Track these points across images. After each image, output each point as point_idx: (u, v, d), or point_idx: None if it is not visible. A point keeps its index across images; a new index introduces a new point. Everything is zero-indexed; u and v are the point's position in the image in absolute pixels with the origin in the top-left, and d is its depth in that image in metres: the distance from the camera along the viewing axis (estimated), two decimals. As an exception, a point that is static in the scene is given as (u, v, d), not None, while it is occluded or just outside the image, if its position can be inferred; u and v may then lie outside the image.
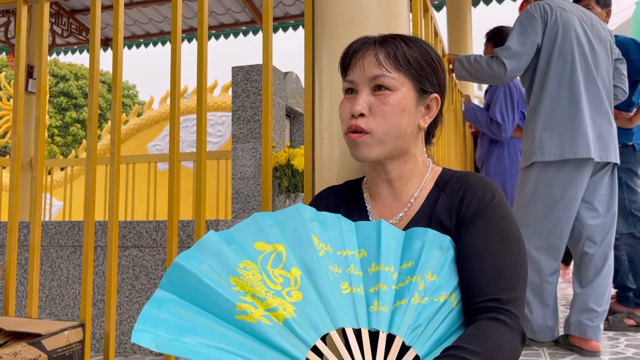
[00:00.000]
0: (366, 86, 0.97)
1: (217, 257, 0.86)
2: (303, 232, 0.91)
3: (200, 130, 1.40)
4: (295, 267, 0.87)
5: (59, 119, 18.71)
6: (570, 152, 2.21)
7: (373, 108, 0.95)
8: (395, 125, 0.95)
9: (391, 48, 0.97)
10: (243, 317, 0.79)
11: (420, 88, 0.98)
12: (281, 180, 3.52)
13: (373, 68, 0.96)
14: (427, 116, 1.01)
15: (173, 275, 0.83)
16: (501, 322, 0.82)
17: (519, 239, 0.92)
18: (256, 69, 3.88)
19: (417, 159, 1.02)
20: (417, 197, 1.00)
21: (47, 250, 2.89)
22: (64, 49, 6.30)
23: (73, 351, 1.30)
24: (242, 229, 0.91)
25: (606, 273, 2.31)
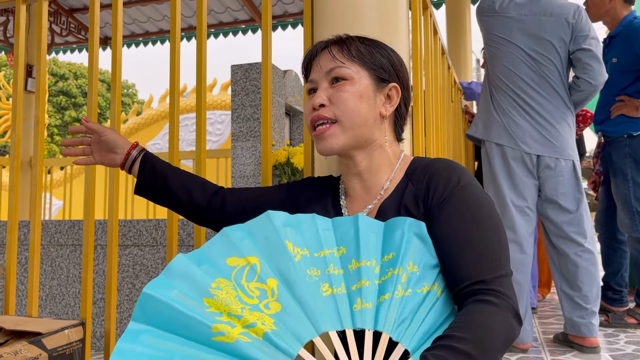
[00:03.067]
0: (324, 81, 1.00)
1: (187, 281, 0.84)
2: (276, 239, 0.89)
3: (199, 128, 1.40)
4: (271, 277, 0.86)
5: (59, 118, 18.70)
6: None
7: (332, 98, 0.98)
8: (355, 110, 0.97)
9: (344, 43, 1.00)
10: (220, 338, 0.79)
11: (377, 76, 1.00)
12: (281, 179, 3.52)
13: (328, 62, 0.99)
14: (388, 104, 1.02)
15: (144, 305, 0.82)
16: (488, 303, 0.81)
17: (493, 215, 0.90)
18: (255, 67, 3.87)
19: (386, 149, 1.02)
20: (387, 187, 1.01)
21: (47, 249, 2.89)
22: (62, 48, 6.30)
23: (73, 350, 1.30)
24: (212, 246, 0.89)
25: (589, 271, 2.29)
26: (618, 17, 2.82)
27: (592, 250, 2.32)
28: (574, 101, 2.40)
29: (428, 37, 1.72)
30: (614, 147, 2.76)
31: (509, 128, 2.34)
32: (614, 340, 2.48)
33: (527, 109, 2.34)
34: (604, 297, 3.04)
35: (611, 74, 2.83)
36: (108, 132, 1.21)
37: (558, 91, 2.35)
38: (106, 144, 1.21)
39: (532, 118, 2.33)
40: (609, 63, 2.85)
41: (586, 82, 2.32)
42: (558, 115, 2.34)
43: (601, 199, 3.13)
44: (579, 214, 2.32)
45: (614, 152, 2.77)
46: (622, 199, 2.73)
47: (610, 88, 2.82)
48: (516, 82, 2.36)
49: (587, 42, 2.32)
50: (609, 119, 2.81)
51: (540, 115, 2.33)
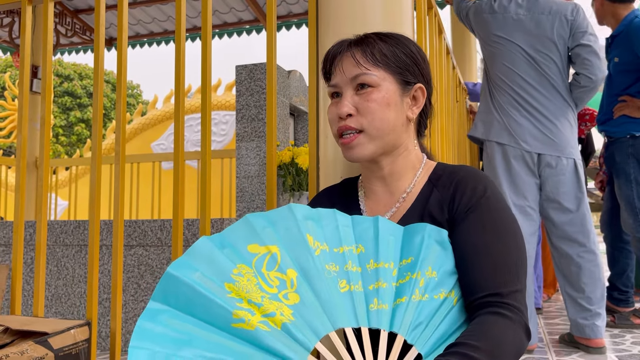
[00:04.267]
0: (349, 87, 0.98)
1: (210, 264, 0.84)
2: (297, 231, 0.89)
3: (204, 129, 1.40)
4: (291, 268, 0.85)
5: (64, 118, 18.76)
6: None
7: (359, 107, 0.96)
8: (383, 119, 0.96)
9: (367, 46, 0.98)
10: (240, 325, 0.78)
11: (403, 80, 0.98)
12: (285, 179, 3.52)
13: (352, 68, 0.97)
14: (414, 107, 1.01)
15: (166, 285, 0.81)
16: (502, 316, 0.81)
17: (515, 229, 0.91)
18: (260, 67, 3.88)
19: (410, 152, 1.02)
20: (410, 192, 1.00)
21: (52, 249, 2.90)
22: (68, 49, 6.32)
23: (79, 350, 1.30)
24: (234, 231, 0.89)
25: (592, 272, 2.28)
26: (619, 17, 2.81)
27: (595, 250, 2.30)
28: (575, 98, 2.39)
29: (433, 37, 1.72)
30: (617, 147, 2.75)
31: (510, 127, 2.34)
32: (620, 340, 2.46)
33: (527, 107, 2.33)
34: (610, 298, 3.03)
35: (613, 74, 2.82)
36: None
37: (558, 89, 2.35)
38: None
39: (533, 116, 2.32)
40: (611, 63, 2.84)
41: (586, 77, 2.31)
42: (559, 113, 2.33)
43: (606, 199, 3.12)
44: (580, 214, 2.31)
45: (616, 152, 2.75)
46: (625, 199, 2.72)
47: (613, 88, 2.81)
48: (516, 80, 2.36)
49: (585, 38, 2.32)
50: (612, 119, 2.80)
51: (540, 113, 2.32)
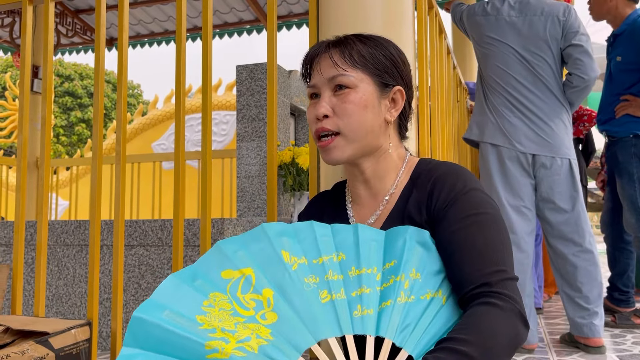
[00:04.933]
0: (327, 88, 0.97)
1: (178, 300, 0.83)
2: (271, 250, 0.89)
3: (205, 129, 1.40)
4: (266, 287, 0.85)
5: (64, 118, 18.77)
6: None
7: (336, 108, 0.95)
8: (360, 121, 0.95)
9: (345, 47, 0.97)
10: (214, 355, 0.77)
11: (381, 82, 0.97)
12: (286, 179, 3.52)
13: (330, 69, 0.96)
14: (393, 109, 0.99)
15: (135, 329, 0.80)
16: (493, 306, 0.80)
17: (496, 219, 0.89)
18: (260, 67, 3.88)
19: (392, 154, 1.01)
20: (393, 193, 0.99)
21: (53, 249, 2.90)
22: (68, 49, 6.32)
23: (80, 349, 1.30)
24: (206, 260, 0.89)
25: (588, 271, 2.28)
26: (621, 16, 2.80)
27: (591, 249, 2.30)
28: (568, 99, 2.39)
29: (433, 37, 1.71)
30: (620, 147, 2.75)
31: (504, 128, 2.34)
32: (620, 340, 2.46)
33: (521, 108, 2.34)
34: (611, 298, 3.03)
35: (615, 73, 2.81)
36: None
37: (552, 90, 2.35)
38: None
39: (527, 117, 2.33)
40: (613, 62, 2.84)
41: (578, 77, 2.32)
42: (552, 114, 2.34)
43: (607, 199, 3.11)
44: (575, 213, 2.31)
45: (619, 152, 2.75)
46: (628, 199, 2.72)
47: (615, 87, 2.80)
48: (509, 82, 2.36)
49: (577, 38, 2.33)
50: (614, 118, 2.79)
51: (534, 114, 2.33)
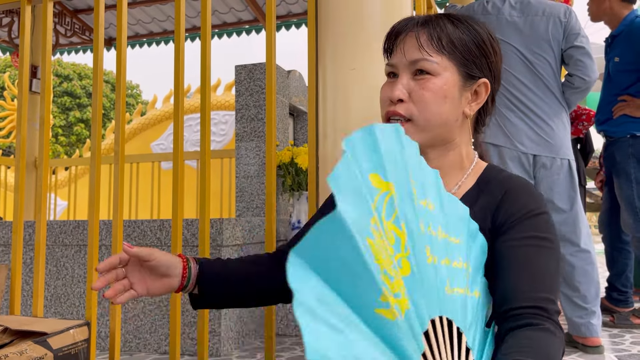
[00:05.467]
0: (406, 70, 0.91)
1: (357, 203, 0.56)
2: (403, 173, 0.65)
3: (204, 129, 1.40)
4: (403, 222, 0.63)
5: (63, 118, 18.76)
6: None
7: (413, 93, 0.89)
8: (436, 112, 0.89)
9: (434, 29, 0.89)
10: (383, 312, 0.56)
11: (466, 72, 0.90)
12: (285, 179, 3.52)
13: (414, 51, 0.89)
14: (473, 103, 0.93)
15: (321, 240, 0.52)
16: (552, 334, 0.77)
17: (556, 246, 0.86)
18: (259, 67, 3.88)
19: (461, 150, 0.95)
20: (455, 192, 0.93)
21: (52, 249, 2.90)
22: (67, 49, 6.32)
23: (78, 350, 1.30)
24: (354, 144, 0.60)
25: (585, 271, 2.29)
26: (617, 17, 2.81)
27: (588, 249, 2.30)
28: (567, 99, 2.40)
29: (432, 37, 1.71)
30: (617, 147, 2.75)
31: (505, 128, 2.35)
32: (619, 340, 2.47)
33: (522, 108, 2.35)
34: (609, 298, 3.03)
35: (613, 74, 2.82)
36: (157, 253, 0.93)
37: (552, 90, 2.36)
38: (158, 268, 0.93)
39: (528, 117, 2.34)
40: (610, 62, 2.84)
41: (580, 78, 2.33)
42: (553, 114, 2.35)
43: (605, 199, 3.11)
44: (574, 213, 2.32)
45: (617, 152, 2.75)
46: (625, 199, 2.72)
47: (613, 88, 2.81)
48: (511, 81, 2.37)
49: (578, 39, 2.34)
50: (612, 119, 2.80)
51: (535, 114, 2.34)
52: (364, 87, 1.16)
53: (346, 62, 1.18)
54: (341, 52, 1.19)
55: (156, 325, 2.68)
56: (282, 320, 3.06)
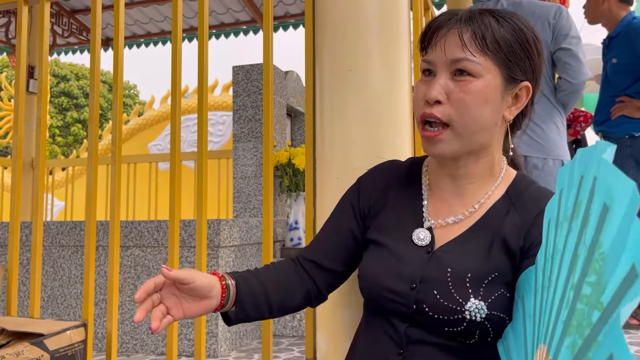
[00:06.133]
0: (445, 69, 0.85)
1: None
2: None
3: (201, 129, 1.40)
4: None
5: (60, 119, 18.73)
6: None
7: (451, 95, 0.83)
8: (475, 117, 0.83)
9: (479, 27, 0.84)
10: None
11: (509, 75, 0.85)
12: (282, 180, 3.52)
13: (455, 50, 0.83)
14: (514, 107, 0.88)
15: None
16: None
17: None
18: (257, 68, 3.88)
19: (494, 157, 0.90)
20: (484, 202, 0.88)
21: (49, 250, 2.89)
22: (64, 49, 6.31)
23: (75, 351, 1.30)
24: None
25: None
26: (615, 18, 2.81)
27: None
28: (560, 101, 2.40)
29: (429, 37, 1.72)
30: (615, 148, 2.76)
31: None
32: (616, 341, 2.47)
33: None
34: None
35: (611, 75, 2.82)
36: (197, 275, 0.86)
37: (543, 92, 2.37)
38: (198, 291, 0.86)
39: None
40: (608, 64, 2.85)
41: (566, 81, 2.32)
42: (544, 116, 2.35)
43: (603, 199, 3.12)
44: None
45: (615, 153, 2.75)
46: None
47: (611, 89, 2.82)
48: None
49: (566, 41, 2.32)
50: (610, 119, 2.80)
51: None
52: (362, 88, 1.16)
53: (343, 64, 1.18)
54: (338, 53, 1.19)
55: (153, 326, 2.68)
56: (280, 321, 3.06)
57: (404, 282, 0.86)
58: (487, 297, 0.80)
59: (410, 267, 0.87)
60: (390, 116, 1.17)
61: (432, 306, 0.83)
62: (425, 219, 0.91)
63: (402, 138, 1.18)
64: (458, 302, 0.81)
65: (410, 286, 0.85)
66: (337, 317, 1.14)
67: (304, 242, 3.18)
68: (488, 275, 0.82)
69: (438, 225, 0.90)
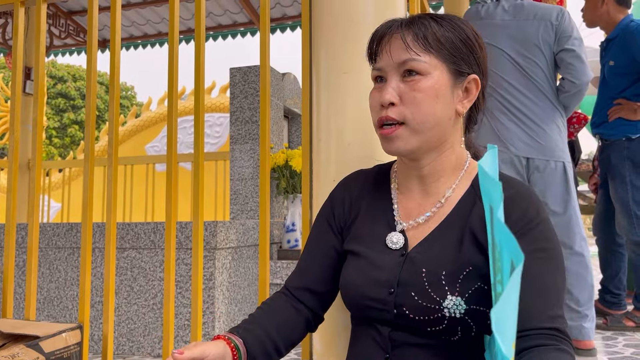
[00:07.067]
0: (395, 72, 0.88)
1: None
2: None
3: (197, 131, 1.40)
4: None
5: (57, 120, 18.69)
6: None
7: (404, 96, 0.86)
8: (429, 112, 0.86)
9: (419, 29, 0.87)
10: None
11: (456, 70, 0.88)
12: (279, 182, 3.52)
13: (401, 52, 0.87)
14: (465, 100, 0.90)
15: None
16: (567, 354, 0.75)
17: (561, 256, 0.83)
18: (254, 70, 3.88)
19: (454, 150, 0.92)
20: (449, 197, 0.90)
21: (45, 252, 2.88)
22: (61, 50, 6.30)
23: (71, 353, 1.30)
24: None
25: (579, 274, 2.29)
26: (614, 21, 2.83)
27: (583, 252, 2.30)
28: (563, 103, 2.41)
29: (426, 40, 1.72)
30: (613, 149, 2.77)
31: (498, 131, 2.36)
32: (612, 343, 2.47)
33: (514, 111, 2.36)
34: (603, 301, 3.04)
35: (609, 77, 2.84)
36: (208, 350, 0.86)
37: (545, 93, 2.37)
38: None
39: (520, 120, 2.35)
40: (606, 66, 2.86)
41: (570, 82, 2.33)
42: (546, 117, 2.36)
43: (599, 202, 3.13)
44: (567, 216, 2.32)
45: (612, 154, 2.77)
46: (620, 202, 2.73)
47: (608, 91, 2.83)
48: (503, 85, 2.38)
49: (569, 42, 2.34)
50: (607, 121, 2.82)
51: (528, 117, 2.35)
52: (357, 90, 1.17)
53: (340, 66, 1.18)
54: (335, 55, 1.19)
55: (149, 328, 2.67)
56: (277, 323, 3.05)
57: (382, 288, 0.87)
58: (464, 292, 0.81)
59: (386, 273, 0.88)
60: (387, 118, 1.16)
61: (411, 308, 0.84)
62: (397, 222, 0.93)
63: (399, 140, 1.18)
64: (436, 301, 0.82)
65: (388, 291, 0.86)
66: (332, 319, 1.14)
67: (300, 243, 3.18)
68: (462, 270, 0.83)
69: (410, 227, 0.92)
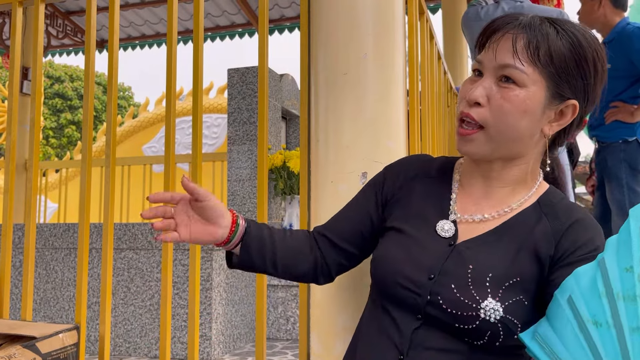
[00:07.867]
0: (492, 72, 0.84)
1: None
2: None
3: (195, 132, 1.40)
4: None
5: (54, 120, 18.66)
6: None
7: (492, 99, 0.83)
8: (511, 125, 0.82)
9: (535, 36, 0.82)
10: None
11: (556, 91, 0.83)
12: (277, 183, 3.52)
13: (505, 55, 0.83)
14: (555, 123, 0.86)
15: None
16: None
17: None
18: (252, 71, 3.88)
19: (528, 167, 0.89)
20: (515, 208, 0.88)
21: (41, 252, 2.87)
22: (59, 51, 6.29)
23: (68, 354, 1.29)
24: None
25: None
26: (610, 24, 2.84)
27: None
28: None
29: (424, 42, 1.72)
30: (609, 152, 2.78)
31: None
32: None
33: None
34: (599, 302, 3.05)
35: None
36: (213, 198, 0.90)
37: None
38: (211, 212, 0.90)
39: None
40: None
41: None
42: None
43: (596, 204, 3.14)
44: None
45: (609, 157, 2.78)
46: (616, 204, 2.74)
47: (605, 94, 2.84)
48: None
49: None
50: (604, 124, 2.83)
51: None
52: (355, 92, 1.17)
53: (338, 67, 1.18)
54: (333, 56, 1.19)
55: (146, 329, 2.66)
56: (274, 324, 3.05)
57: (422, 272, 0.85)
58: (504, 300, 0.80)
59: (431, 258, 0.86)
60: (384, 120, 1.17)
61: (447, 299, 0.82)
62: (452, 211, 0.91)
63: (396, 142, 1.18)
64: (475, 299, 0.80)
65: (428, 276, 0.84)
66: (331, 320, 1.14)
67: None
68: (509, 279, 0.81)
69: (463, 221, 0.90)
